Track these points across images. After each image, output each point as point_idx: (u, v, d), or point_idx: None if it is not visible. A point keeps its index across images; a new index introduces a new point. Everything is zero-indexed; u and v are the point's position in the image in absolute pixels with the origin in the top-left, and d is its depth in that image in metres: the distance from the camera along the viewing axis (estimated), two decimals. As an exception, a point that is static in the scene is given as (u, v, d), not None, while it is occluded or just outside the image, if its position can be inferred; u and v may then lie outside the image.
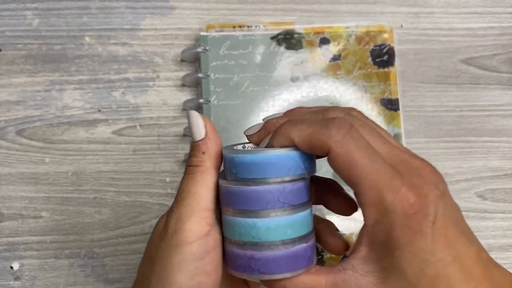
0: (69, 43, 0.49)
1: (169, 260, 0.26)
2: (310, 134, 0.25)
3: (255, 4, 0.51)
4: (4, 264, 0.45)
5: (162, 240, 0.27)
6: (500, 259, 0.48)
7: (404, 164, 0.26)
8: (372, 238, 0.25)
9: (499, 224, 0.49)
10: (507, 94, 0.51)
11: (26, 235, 0.46)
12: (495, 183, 0.49)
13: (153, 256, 0.27)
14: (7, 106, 0.48)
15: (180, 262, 0.26)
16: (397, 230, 0.24)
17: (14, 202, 0.46)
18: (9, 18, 0.49)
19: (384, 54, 0.49)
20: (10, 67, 0.48)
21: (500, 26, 0.52)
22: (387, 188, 0.24)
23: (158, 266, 0.27)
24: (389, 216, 0.24)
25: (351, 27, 0.49)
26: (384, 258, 0.25)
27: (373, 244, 0.25)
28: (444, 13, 0.52)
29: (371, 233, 0.25)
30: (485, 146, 0.50)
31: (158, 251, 0.27)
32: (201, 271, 0.27)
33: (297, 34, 0.49)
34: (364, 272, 0.25)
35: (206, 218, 0.27)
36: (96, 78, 0.49)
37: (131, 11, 0.50)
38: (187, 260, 0.26)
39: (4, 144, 0.47)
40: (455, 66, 0.51)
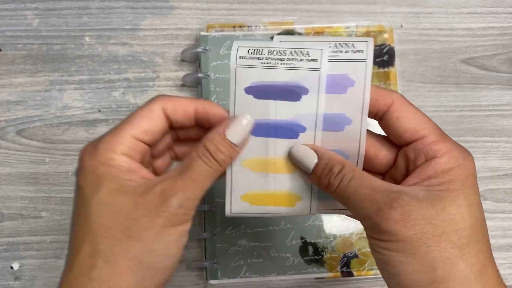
0: (69, 43, 0.49)
1: (168, 237, 0.27)
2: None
3: (255, 4, 0.51)
4: (4, 264, 0.45)
5: (157, 217, 0.27)
6: (500, 259, 0.48)
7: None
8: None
9: (499, 224, 0.49)
10: (507, 94, 0.51)
11: (26, 235, 0.46)
12: (495, 183, 0.49)
13: (133, 229, 0.27)
14: (7, 106, 0.48)
15: (178, 237, 0.28)
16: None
17: (14, 202, 0.46)
18: (9, 18, 0.49)
19: (384, 54, 0.49)
20: (10, 67, 0.48)
21: (500, 26, 0.52)
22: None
23: (149, 241, 0.27)
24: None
25: (351, 27, 0.49)
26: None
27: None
28: (444, 13, 0.52)
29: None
30: (485, 146, 0.50)
31: (151, 227, 0.27)
32: (185, 241, 0.29)
33: (297, 34, 0.49)
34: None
35: (198, 203, 0.29)
36: (96, 78, 0.49)
37: (131, 11, 0.50)
38: (183, 235, 0.28)
39: (4, 144, 0.47)
40: (455, 66, 0.51)
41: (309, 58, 0.29)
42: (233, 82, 0.30)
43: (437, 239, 0.26)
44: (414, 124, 0.29)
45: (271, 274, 0.45)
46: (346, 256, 0.45)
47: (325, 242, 0.46)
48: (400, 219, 0.26)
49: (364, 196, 0.27)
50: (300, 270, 0.45)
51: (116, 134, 0.28)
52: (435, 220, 0.26)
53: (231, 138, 0.29)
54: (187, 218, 0.28)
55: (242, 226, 0.45)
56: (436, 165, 0.27)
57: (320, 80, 0.29)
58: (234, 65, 0.29)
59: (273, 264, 0.45)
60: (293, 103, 0.30)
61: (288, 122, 0.30)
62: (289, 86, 0.29)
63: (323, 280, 0.46)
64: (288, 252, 0.45)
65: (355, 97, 0.29)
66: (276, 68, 0.29)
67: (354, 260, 0.45)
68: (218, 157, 0.28)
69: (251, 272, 0.45)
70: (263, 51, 0.29)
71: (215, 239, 0.45)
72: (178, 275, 0.46)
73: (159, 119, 0.29)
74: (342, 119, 0.30)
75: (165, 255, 0.27)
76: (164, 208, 0.27)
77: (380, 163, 0.31)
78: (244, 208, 0.32)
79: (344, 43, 0.30)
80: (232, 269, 0.45)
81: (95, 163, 0.28)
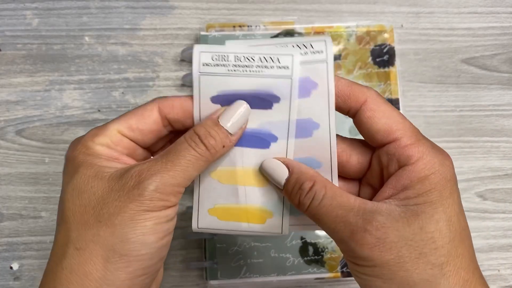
0: (68, 43, 0.49)
1: (142, 223, 0.25)
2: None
3: (255, 4, 0.51)
4: (3, 264, 0.45)
5: (130, 200, 0.25)
6: (501, 259, 0.48)
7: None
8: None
9: (499, 224, 0.49)
10: (508, 94, 0.51)
11: (26, 235, 0.46)
12: (495, 183, 0.49)
13: (104, 214, 0.25)
14: (7, 106, 0.48)
15: (155, 224, 0.25)
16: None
17: (14, 202, 0.46)
18: (9, 18, 0.49)
19: (384, 54, 0.49)
20: (9, 67, 0.48)
21: (500, 26, 0.52)
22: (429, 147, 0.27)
23: (120, 226, 0.25)
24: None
25: (351, 27, 0.49)
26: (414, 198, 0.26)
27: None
28: (444, 13, 0.52)
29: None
30: (485, 146, 0.50)
31: (124, 212, 0.25)
32: (171, 230, 0.27)
33: (297, 34, 0.49)
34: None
35: (181, 192, 0.27)
36: (95, 78, 0.48)
37: (131, 11, 0.50)
38: (162, 222, 0.26)
39: (4, 144, 0.47)
40: (455, 66, 0.51)
41: (280, 65, 0.28)
42: (197, 91, 0.28)
43: (415, 262, 0.24)
44: (387, 124, 0.27)
45: (271, 274, 0.45)
46: (346, 256, 0.45)
47: (325, 243, 0.45)
48: (376, 244, 0.24)
49: (337, 218, 0.25)
50: (300, 270, 0.45)
51: (101, 127, 0.28)
52: (413, 241, 0.24)
53: (224, 124, 0.27)
54: (165, 204, 0.26)
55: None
56: (411, 174, 0.26)
57: (292, 88, 0.28)
58: (197, 73, 0.28)
59: (273, 264, 0.45)
60: (265, 111, 0.28)
61: (258, 131, 0.29)
62: (260, 95, 0.28)
63: (323, 281, 0.46)
64: (288, 252, 0.45)
65: (320, 100, 0.28)
66: (245, 76, 0.28)
67: (354, 260, 0.45)
68: (208, 142, 0.26)
69: (251, 273, 0.45)
70: (229, 57, 0.28)
71: (215, 239, 0.45)
72: (178, 275, 0.46)
73: (151, 118, 0.28)
74: (309, 124, 0.29)
75: (140, 242, 0.25)
76: (137, 191, 0.25)
77: (354, 169, 0.29)
78: (210, 223, 0.30)
79: (302, 45, 0.28)
80: (232, 269, 0.45)
81: (74, 152, 0.27)
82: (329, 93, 0.28)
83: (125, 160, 0.28)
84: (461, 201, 0.26)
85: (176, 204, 0.27)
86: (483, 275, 0.26)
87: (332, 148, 0.29)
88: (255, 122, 0.29)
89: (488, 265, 0.48)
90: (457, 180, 0.27)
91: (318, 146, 0.29)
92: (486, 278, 0.47)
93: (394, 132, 0.27)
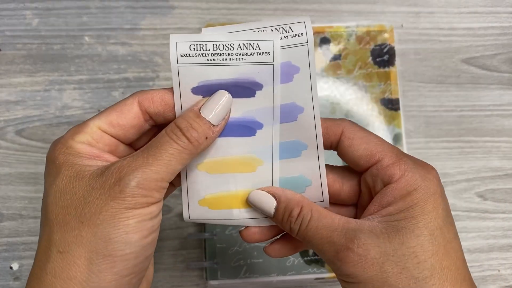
0: (68, 43, 0.49)
1: (124, 221, 0.24)
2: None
3: (255, 3, 0.51)
4: (3, 264, 0.45)
5: (111, 198, 0.24)
6: (501, 259, 0.48)
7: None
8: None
9: (499, 224, 0.49)
10: (508, 94, 0.51)
11: (26, 235, 0.46)
12: (495, 183, 0.49)
13: (85, 214, 0.24)
14: (7, 106, 0.48)
15: (139, 222, 0.25)
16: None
17: (14, 202, 0.46)
18: (9, 17, 0.49)
19: (384, 53, 0.49)
20: (9, 67, 0.48)
21: (500, 26, 0.52)
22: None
23: (102, 226, 0.24)
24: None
25: (351, 27, 0.49)
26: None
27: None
28: (444, 13, 0.52)
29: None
30: (485, 146, 0.50)
31: (105, 210, 0.24)
32: (156, 227, 0.26)
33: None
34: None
35: (165, 187, 0.26)
36: (95, 78, 0.48)
37: (131, 10, 0.50)
38: (146, 220, 0.25)
39: (4, 144, 0.47)
40: (455, 66, 0.51)
41: (260, 51, 0.27)
42: (176, 83, 0.27)
43: (398, 276, 0.25)
44: (366, 149, 0.28)
45: (271, 274, 0.45)
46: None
47: (325, 242, 0.45)
48: (358, 261, 0.25)
49: (322, 239, 0.26)
50: (300, 270, 0.45)
51: (81, 125, 0.27)
52: (395, 256, 0.25)
53: (206, 115, 0.27)
54: (148, 201, 0.25)
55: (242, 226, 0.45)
56: (393, 191, 0.26)
57: (274, 74, 0.27)
58: (175, 64, 0.27)
59: (273, 264, 0.45)
60: (248, 100, 0.28)
61: (243, 119, 0.28)
62: (242, 83, 0.27)
63: (323, 281, 0.46)
64: (288, 252, 0.45)
65: (302, 83, 0.28)
66: (225, 65, 0.27)
67: (355, 260, 0.45)
68: (190, 134, 0.26)
69: (251, 272, 0.45)
70: (207, 46, 0.27)
71: (215, 239, 0.45)
72: (178, 275, 0.46)
73: (130, 113, 0.27)
74: (293, 109, 0.28)
75: (123, 242, 0.24)
76: (118, 188, 0.24)
77: (348, 195, 0.30)
78: (202, 213, 0.30)
79: (281, 28, 0.27)
80: (232, 270, 0.45)
81: (55, 153, 0.26)
82: (311, 76, 0.28)
83: (106, 157, 0.27)
84: (448, 213, 0.27)
85: (160, 200, 0.26)
86: (475, 286, 0.26)
87: (317, 128, 0.29)
88: (239, 111, 0.28)
89: (488, 265, 0.48)
90: (443, 191, 0.27)
91: (303, 129, 0.29)
92: (486, 278, 0.47)
93: (374, 154, 0.27)
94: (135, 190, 0.24)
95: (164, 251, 0.46)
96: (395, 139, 0.48)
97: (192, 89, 0.28)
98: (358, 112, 0.48)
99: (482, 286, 0.47)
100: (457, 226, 0.28)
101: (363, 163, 0.28)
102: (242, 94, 0.28)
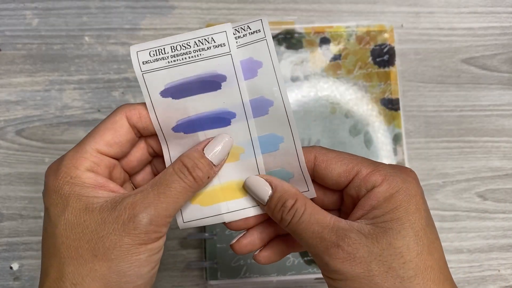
0: (68, 43, 0.49)
1: (137, 256, 0.26)
2: None
3: (255, 3, 0.51)
4: (3, 264, 0.45)
5: (125, 234, 0.25)
6: (501, 259, 0.48)
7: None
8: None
9: (499, 224, 0.49)
10: (508, 94, 0.51)
11: (26, 235, 0.46)
12: (495, 183, 0.49)
13: (99, 248, 0.25)
14: (7, 106, 0.48)
15: (149, 256, 0.26)
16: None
17: (14, 202, 0.46)
18: (9, 17, 0.49)
19: (384, 53, 0.49)
20: (9, 67, 0.48)
21: (500, 26, 0.52)
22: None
23: (116, 261, 0.25)
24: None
25: (351, 27, 0.49)
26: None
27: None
28: (444, 13, 0.52)
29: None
30: (485, 146, 0.50)
31: (119, 246, 0.25)
32: (159, 258, 0.28)
33: (297, 34, 0.49)
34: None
35: (170, 222, 0.28)
36: (95, 78, 0.48)
37: (131, 10, 0.50)
38: (154, 253, 0.27)
39: (4, 144, 0.47)
40: (455, 66, 0.51)
41: (216, 44, 0.28)
42: (145, 90, 0.28)
43: (384, 276, 0.25)
44: (343, 165, 0.28)
45: (271, 274, 0.45)
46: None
47: (325, 242, 0.45)
48: (347, 258, 0.26)
49: (313, 234, 0.27)
50: (300, 270, 0.45)
51: (79, 150, 0.27)
52: (382, 256, 0.26)
53: (209, 156, 0.28)
54: (158, 236, 0.27)
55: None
56: (377, 194, 0.27)
57: (234, 63, 0.28)
58: (139, 73, 0.28)
59: (273, 264, 0.45)
60: (216, 93, 0.29)
61: (215, 112, 0.29)
62: (205, 77, 0.28)
63: (323, 281, 0.46)
64: (288, 252, 0.45)
65: (267, 77, 0.28)
66: (186, 63, 0.28)
67: (355, 260, 0.45)
68: (196, 174, 0.28)
69: (251, 272, 0.45)
70: (165, 49, 0.28)
71: (215, 239, 0.45)
72: (178, 275, 0.46)
73: (123, 129, 0.28)
74: (263, 102, 0.29)
75: (135, 275, 0.26)
76: (133, 225, 0.25)
77: (331, 203, 0.31)
78: (195, 213, 0.30)
79: (240, 28, 0.29)
80: (232, 270, 0.45)
81: (58, 182, 0.27)
82: (275, 68, 0.28)
83: (111, 187, 0.28)
84: (429, 215, 0.27)
85: (165, 234, 0.28)
86: (455, 286, 0.27)
87: (290, 120, 0.29)
88: (210, 106, 0.29)
89: (488, 265, 0.48)
90: (423, 193, 0.28)
91: (277, 121, 0.29)
92: (486, 278, 0.47)
93: (352, 168, 0.28)
94: (148, 227, 0.26)
95: (164, 251, 0.46)
96: (395, 139, 0.48)
97: (161, 92, 0.28)
98: (358, 112, 0.48)
99: (482, 286, 0.47)
100: (457, 226, 0.28)
101: (343, 179, 0.28)
102: (209, 88, 0.29)
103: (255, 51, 0.28)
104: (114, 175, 0.29)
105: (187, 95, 0.29)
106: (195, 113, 0.29)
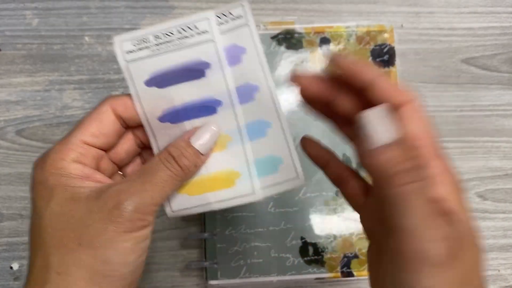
0: (68, 43, 0.49)
1: (123, 244, 0.26)
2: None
3: (255, 3, 0.51)
4: (3, 264, 0.45)
5: (110, 222, 0.25)
6: (501, 259, 0.48)
7: None
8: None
9: (499, 224, 0.49)
10: (508, 94, 0.51)
11: (26, 235, 0.46)
12: (495, 183, 0.49)
13: (84, 237, 0.25)
14: (7, 106, 0.48)
15: (135, 244, 0.26)
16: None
17: (14, 202, 0.46)
18: (9, 17, 0.49)
19: (384, 54, 0.49)
20: (9, 67, 0.48)
21: (500, 26, 0.52)
22: None
23: (101, 249, 0.25)
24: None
25: (351, 27, 0.49)
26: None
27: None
28: (444, 13, 0.52)
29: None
30: (485, 146, 0.50)
31: (104, 234, 0.25)
32: (147, 246, 0.28)
33: (298, 34, 0.49)
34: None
35: (157, 210, 0.27)
36: (95, 78, 0.48)
37: (131, 10, 0.50)
38: (140, 241, 0.27)
39: (4, 144, 0.47)
40: (455, 66, 0.51)
41: (199, 31, 0.28)
42: (129, 80, 0.28)
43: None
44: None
45: (271, 274, 0.45)
46: (347, 257, 0.45)
47: (325, 243, 0.45)
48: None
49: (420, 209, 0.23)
50: (300, 270, 0.45)
51: (65, 141, 0.27)
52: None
53: (196, 145, 0.28)
54: (144, 224, 0.26)
55: (242, 226, 0.45)
56: None
57: (218, 50, 0.28)
58: (124, 63, 0.28)
59: (273, 264, 0.45)
60: (200, 81, 0.28)
61: (201, 100, 0.29)
62: (189, 65, 0.28)
63: (323, 281, 0.46)
64: (288, 253, 0.45)
65: (252, 62, 0.28)
66: (169, 52, 0.28)
67: (355, 260, 0.45)
68: (182, 163, 0.27)
69: (251, 273, 0.45)
70: (149, 38, 0.28)
71: (215, 239, 0.45)
72: (178, 275, 0.46)
73: (108, 120, 0.28)
74: (249, 89, 0.29)
75: (121, 263, 0.26)
76: (118, 212, 0.25)
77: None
78: (184, 202, 0.30)
79: (221, 14, 0.28)
80: (232, 270, 0.45)
81: (44, 174, 0.27)
82: (259, 53, 0.28)
83: (98, 177, 0.28)
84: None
85: (152, 223, 0.27)
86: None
87: (276, 105, 0.29)
88: (196, 94, 0.29)
89: (488, 265, 0.48)
90: None
91: (264, 107, 0.29)
92: (486, 278, 0.47)
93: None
94: (133, 214, 0.25)
95: (164, 251, 0.46)
96: (395, 139, 0.48)
97: (145, 82, 0.28)
98: (358, 112, 0.48)
99: (482, 286, 0.47)
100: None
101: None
102: (193, 76, 0.28)
103: (238, 37, 0.28)
104: (102, 167, 0.29)
105: (172, 84, 0.28)
106: (181, 102, 0.29)
